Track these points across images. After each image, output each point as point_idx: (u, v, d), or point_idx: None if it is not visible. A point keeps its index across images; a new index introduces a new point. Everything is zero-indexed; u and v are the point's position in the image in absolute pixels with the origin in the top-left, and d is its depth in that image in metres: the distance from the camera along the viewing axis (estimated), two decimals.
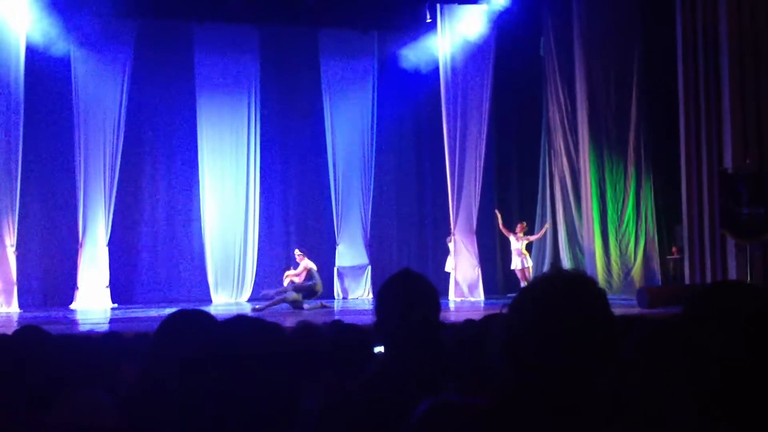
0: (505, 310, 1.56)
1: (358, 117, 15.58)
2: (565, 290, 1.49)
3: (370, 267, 15.27)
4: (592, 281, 1.53)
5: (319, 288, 13.13)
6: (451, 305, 13.46)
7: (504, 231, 14.36)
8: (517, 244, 14.01)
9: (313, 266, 13.25)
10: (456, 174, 14.62)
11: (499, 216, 14.49)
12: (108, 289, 13.99)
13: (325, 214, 15.68)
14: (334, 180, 15.43)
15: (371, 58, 15.64)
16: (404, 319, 2.31)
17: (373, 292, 15.05)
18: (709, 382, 1.47)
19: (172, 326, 2.03)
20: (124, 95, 14.18)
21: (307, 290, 13.05)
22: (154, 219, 15.29)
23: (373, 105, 15.62)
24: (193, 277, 15.20)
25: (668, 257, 14.22)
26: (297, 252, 13.59)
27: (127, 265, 14.92)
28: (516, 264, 14.06)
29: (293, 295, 12.97)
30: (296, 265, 13.51)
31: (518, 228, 14.16)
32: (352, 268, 15.22)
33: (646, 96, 14.31)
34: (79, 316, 12.27)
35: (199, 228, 15.00)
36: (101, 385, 2.97)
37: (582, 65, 14.15)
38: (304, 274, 13.18)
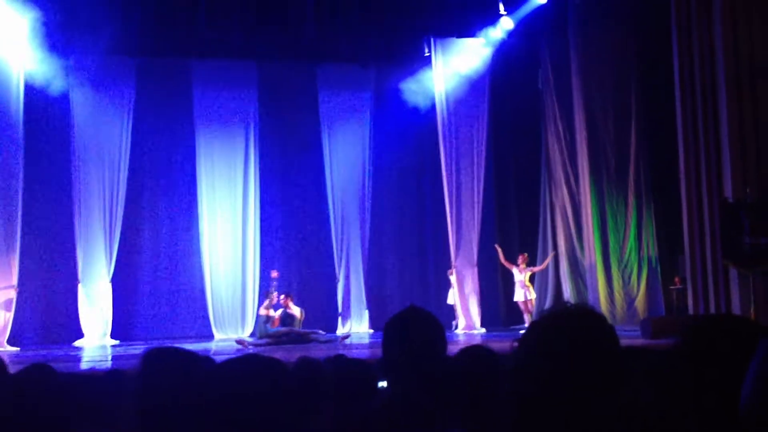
0: (515, 344, 1.55)
1: (356, 150, 15.62)
2: (573, 327, 1.49)
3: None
4: (601, 317, 1.53)
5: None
6: (455, 338, 13.38)
7: (506, 264, 14.31)
8: (520, 276, 13.95)
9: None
10: (455, 207, 14.63)
11: (499, 250, 14.45)
12: (109, 326, 13.93)
13: (325, 247, 15.65)
14: (334, 213, 15.42)
15: (369, 92, 15.71)
16: (410, 357, 2.30)
17: (371, 326, 15.01)
18: (704, 414, 1.47)
19: (156, 364, 2.02)
20: (127, 133, 14.25)
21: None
22: (154, 254, 15.29)
23: (371, 138, 15.66)
24: (195, 313, 15.14)
25: (671, 287, 14.17)
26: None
27: (128, 301, 14.87)
28: (519, 296, 14.00)
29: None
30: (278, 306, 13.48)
31: (520, 260, 14.13)
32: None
33: (645, 125, 14.37)
34: (80, 354, 12.20)
35: (200, 263, 14.98)
36: (104, 423, 2.94)
37: (580, 96, 14.23)
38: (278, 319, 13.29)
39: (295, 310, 13.50)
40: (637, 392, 2.19)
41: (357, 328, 15.14)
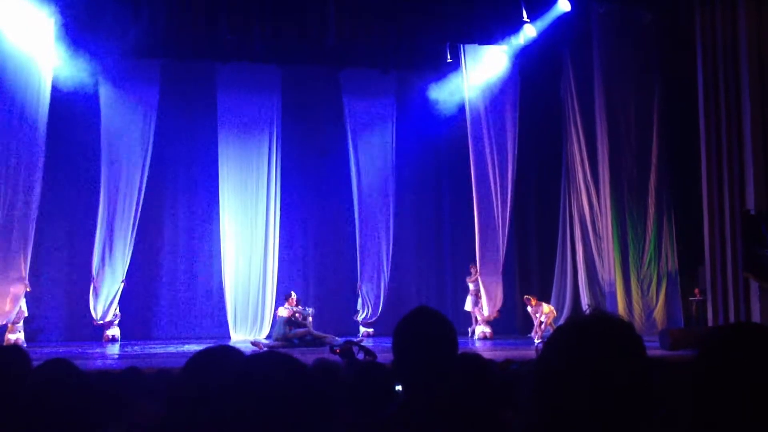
0: (540, 346, 1.54)
1: (380, 156, 15.63)
2: (600, 333, 1.47)
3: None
4: (629, 324, 1.51)
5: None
6: (471, 345, 13.33)
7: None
8: (534, 316, 13.84)
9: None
10: (483, 215, 14.48)
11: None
12: (124, 325, 14.02)
13: (345, 251, 15.66)
14: (359, 219, 15.41)
15: (392, 98, 15.74)
16: (420, 357, 2.29)
17: (389, 331, 14.91)
18: (724, 425, 1.46)
19: (199, 365, 2.03)
20: (150, 134, 14.34)
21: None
22: (174, 255, 15.35)
23: (393, 144, 15.67)
24: (213, 314, 15.20)
25: (691, 299, 14.05)
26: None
27: (147, 301, 14.96)
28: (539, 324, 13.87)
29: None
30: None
31: (527, 303, 13.96)
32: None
33: (667, 136, 14.27)
34: (97, 352, 12.28)
35: (219, 265, 15.03)
36: (121, 421, 2.96)
37: (602, 105, 14.14)
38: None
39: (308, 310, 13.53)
40: (657, 402, 2.18)
41: (375, 332, 15.10)
